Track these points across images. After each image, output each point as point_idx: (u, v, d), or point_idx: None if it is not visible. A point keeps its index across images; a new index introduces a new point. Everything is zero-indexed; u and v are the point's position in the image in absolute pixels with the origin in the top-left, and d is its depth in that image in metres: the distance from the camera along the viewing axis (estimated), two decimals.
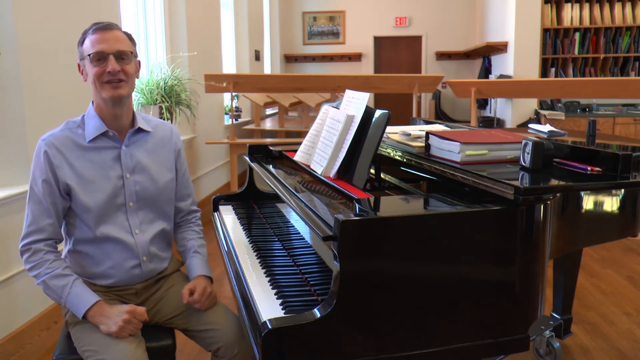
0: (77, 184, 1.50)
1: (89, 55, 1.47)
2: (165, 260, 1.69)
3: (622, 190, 1.48)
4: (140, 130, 1.60)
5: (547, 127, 1.99)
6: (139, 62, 1.62)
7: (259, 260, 1.65)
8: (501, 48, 7.31)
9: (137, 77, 1.60)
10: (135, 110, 1.63)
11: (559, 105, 6.62)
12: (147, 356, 1.46)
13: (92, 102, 1.56)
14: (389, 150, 1.81)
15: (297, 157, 1.86)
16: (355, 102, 1.65)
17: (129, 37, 1.57)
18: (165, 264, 1.69)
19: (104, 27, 1.50)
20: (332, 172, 1.60)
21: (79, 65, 1.54)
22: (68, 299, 1.46)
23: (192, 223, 1.79)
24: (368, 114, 1.58)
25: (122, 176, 1.55)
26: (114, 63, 1.47)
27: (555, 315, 2.34)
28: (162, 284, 1.67)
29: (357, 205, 1.27)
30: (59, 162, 1.50)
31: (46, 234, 1.50)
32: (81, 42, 1.51)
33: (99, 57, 1.47)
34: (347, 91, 1.74)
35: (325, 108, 1.82)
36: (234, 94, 4.92)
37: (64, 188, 1.51)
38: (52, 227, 1.51)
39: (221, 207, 2.26)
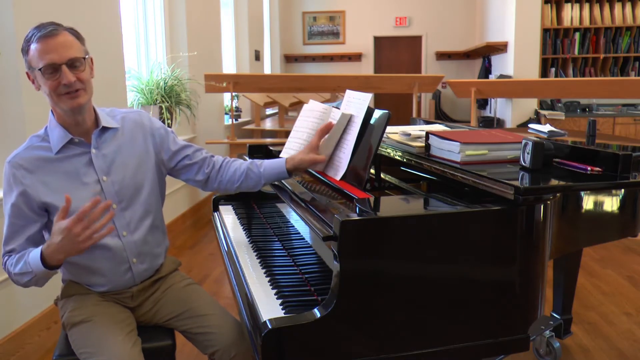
0: (55, 198, 1.45)
1: (40, 69, 1.36)
2: (160, 257, 1.65)
3: (622, 190, 1.48)
4: (105, 128, 1.53)
5: (547, 127, 1.99)
6: (91, 59, 1.48)
7: (259, 260, 1.65)
8: (501, 48, 7.31)
9: (93, 77, 1.49)
10: (96, 107, 1.54)
11: (559, 105, 6.62)
12: (142, 356, 1.45)
13: (52, 111, 1.50)
14: (389, 150, 1.81)
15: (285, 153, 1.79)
16: (356, 103, 1.65)
17: (77, 35, 1.45)
18: (161, 259, 1.66)
19: (49, 34, 1.37)
20: (338, 175, 1.60)
21: (28, 74, 1.43)
22: (34, 269, 1.38)
23: (224, 161, 1.68)
24: (368, 113, 1.58)
25: (99, 180, 1.50)
26: (68, 75, 1.37)
27: (555, 315, 2.34)
28: (160, 285, 1.66)
29: (357, 205, 1.27)
30: (30, 182, 1.44)
31: (16, 252, 1.46)
32: (26, 51, 1.39)
33: (51, 70, 1.37)
34: (348, 91, 1.73)
35: (310, 105, 1.79)
36: (234, 94, 4.92)
37: (39, 206, 1.45)
38: (21, 247, 1.46)
39: (221, 207, 2.26)
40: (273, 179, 1.66)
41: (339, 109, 1.72)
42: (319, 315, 1.13)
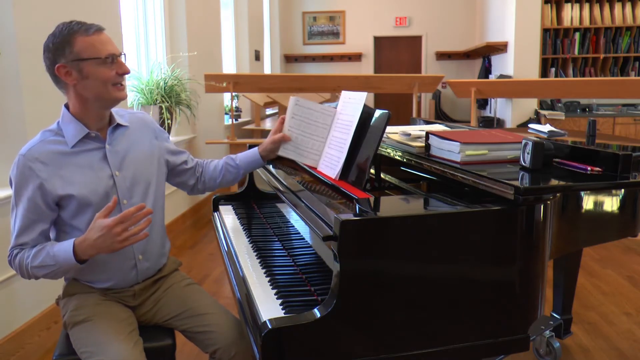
0: (71, 190, 1.46)
1: (106, 57, 1.44)
2: (164, 256, 1.68)
3: (622, 190, 1.48)
4: (118, 126, 1.58)
5: (547, 127, 1.99)
6: None
7: (259, 260, 1.65)
8: (501, 48, 7.31)
9: None
10: None
11: (559, 105, 6.62)
12: (144, 356, 1.45)
13: (65, 106, 1.52)
14: (389, 150, 1.81)
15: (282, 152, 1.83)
16: (352, 103, 1.65)
17: None
18: (164, 260, 1.68)
19: (101, 29, 1.47)
20: (335, 174, 1.61)
21: (60, 67, 1.43)
22: (59, 262, 1.40)
23: (204, 163, 1.81)
24: (368, 114, 1.58)
25: (112, 175, 1.52)
26: (126, 66, 1.49)
27: (555, 315, 2.34)
28: (161, 285, 1.67)
29: (357, 205, 1.27)
30: (47, 175, 1.45)
31: (29, 246, 1.47)
32: (69, 42, 1.42)
33: (112, 60, 1.46)
34: (344, 92, 1.73)
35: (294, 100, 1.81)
36: (234, 94, 4.92)
37: (54, 200, 1.46)
38: (34, 241, 1.47)
39: (221, 207, 2.26)
40: (250, 167, 1.79)
41: (335, 108, 1.72)
42: (319, 315, 1.13)
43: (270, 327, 1.12)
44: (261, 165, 1.80)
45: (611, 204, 1.49)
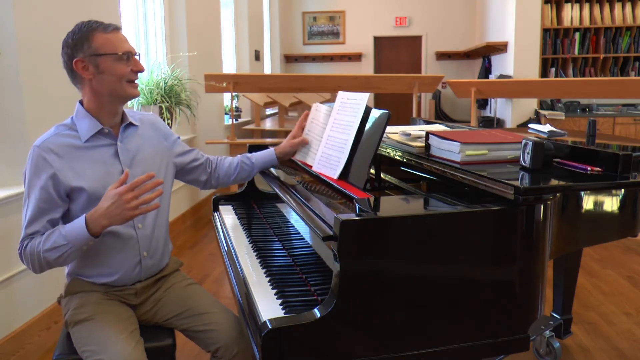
0: (83, 183, 1.49)
1: (122, 54, 1.49)
2: (166, 256, 1.69)
3: (622, 190, 1.48)
4: (130, 124, 1.61)
5: (547, 127, 1.99)
6: None
7: (259, 260, 1.65)
8: (501, 48, 7.31)
9: None
10: None
11: (559, 105, 6.63)
12: (145, 355, 1.45)
13: (80, 102, 1.55)
14: (389, 150, 1.81)
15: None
16: (352, 104, 1.64)
17: None
18: (166, 259, 1.69)
19: (118, 28, 1.53)
20: (336, 174, 1.61)
21: (77, 62, 1.47)
22: (71, 240, 1.40)
23: (217, 159, 1.87)
24: (367, 114, 1.58)
25: (122, 171, 1.54)
26: (140, 63, 1.54)
27: (555, 315, 2.34)
28: (162, 284, 1.67)
29: (357, 205, 1.27)
30: (59, 166, 1.47)
31: (39, 234, 1.47)
32: (88, 39, 1.47)
33: (128, 57, 1.51)
34: (340, 93, 1.73)
35: (315, 106, 1.90)
36: (234, 94, 4.92)
37: (65, 191, 1.48)
38: (44, 229, 1.48)
39: (221, 207, 2.26)
40: (265, 166, 1.90)
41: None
42: (319, 315, 1.13)
43: (270, 327, 1.12)
44: (275, 165, 1.91)
45: (611, 204, 1.49)
